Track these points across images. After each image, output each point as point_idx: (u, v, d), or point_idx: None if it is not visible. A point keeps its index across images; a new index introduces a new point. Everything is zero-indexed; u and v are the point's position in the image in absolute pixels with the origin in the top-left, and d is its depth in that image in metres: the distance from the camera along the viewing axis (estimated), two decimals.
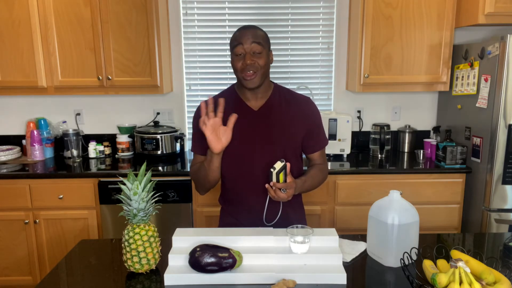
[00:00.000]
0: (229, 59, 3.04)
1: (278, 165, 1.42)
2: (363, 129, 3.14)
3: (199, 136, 1.59)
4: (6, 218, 2.57)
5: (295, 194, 1.63)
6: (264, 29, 1.59)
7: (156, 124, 2.97)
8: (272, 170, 1.40)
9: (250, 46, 1.47)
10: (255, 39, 1.48)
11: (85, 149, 2.98)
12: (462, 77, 2.67)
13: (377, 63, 2.73)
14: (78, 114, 3.09)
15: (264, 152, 1.56)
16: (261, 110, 1.58)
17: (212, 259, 1.22)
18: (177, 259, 1.30)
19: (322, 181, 1.67)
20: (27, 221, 2.57)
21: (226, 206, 1.72)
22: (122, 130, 3.02)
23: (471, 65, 2.56)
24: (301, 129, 1.60)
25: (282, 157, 1.52)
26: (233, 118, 1.43)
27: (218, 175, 1.55)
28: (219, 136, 1.43)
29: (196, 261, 1.22)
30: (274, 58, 2.08)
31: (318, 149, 1.67)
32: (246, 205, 1.62)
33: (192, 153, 1.69)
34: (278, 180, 1.41)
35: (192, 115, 3.06)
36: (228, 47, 3.03)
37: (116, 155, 2.97)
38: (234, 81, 1.68)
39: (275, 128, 1.56)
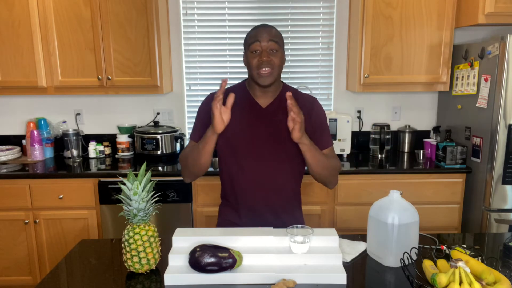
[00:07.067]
0: (229, 59, 3.08)
1: None
2: (363, 129, 3.14)
3: (202, 125, 1.59)
4: (6, 218, 2.57)
5: (293, 197, 1.66)
6: None
7: (156, 124, 2.97)
8: None
9: (267, 44, 1.49)
10: (272, 38, 1.50)
11: (85, 149, 2.98)
12: (462, 77, 2.66)
13: (377, 63, 2.72)
14: (78, 114, 3.09)
15: (268, 149, 1.57)
16: (269, 108, 1.59)
17: (212, 259, 1.22)
18: (177, 259, 1.30)
19: (331, 165, 1.59)
20: (27, 221, 2.57)
21: (228, 201, 1.71)
22: (122, 130, 3.02)
23: (471, 65, 2.55)
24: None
25: (285, 155, 1.57)
26: (231, 98, 1.44)
27: (209, 161, 1.56)
28: (222, 117, 1.46)
29: (196, 261, 1.22)
30: None
31: (321, 149, 1.62)
32: (250, 201, 1.61)
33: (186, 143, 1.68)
34: None
35: (192, 115, 3.11)
36: (228, 47, 3.06)
37: (116, 155, 2.97)
38: (235, 81, 1.68)
39: (281, 126, 1.56)
